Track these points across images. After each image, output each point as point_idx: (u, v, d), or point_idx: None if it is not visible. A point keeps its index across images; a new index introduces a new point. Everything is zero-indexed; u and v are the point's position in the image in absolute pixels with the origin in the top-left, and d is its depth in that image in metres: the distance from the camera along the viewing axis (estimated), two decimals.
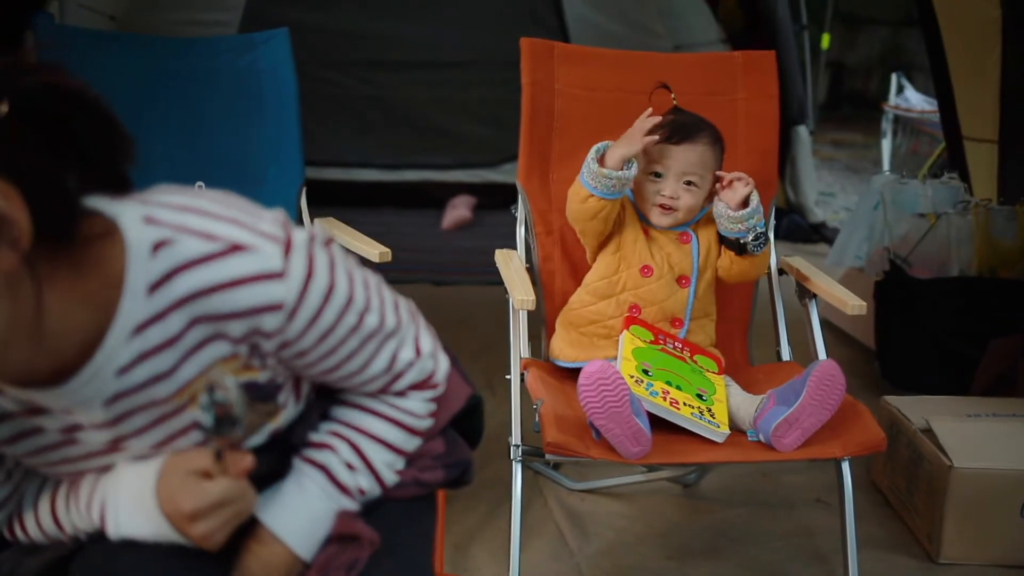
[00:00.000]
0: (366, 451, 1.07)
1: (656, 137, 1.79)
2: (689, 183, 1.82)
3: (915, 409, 2.25)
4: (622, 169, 1.77)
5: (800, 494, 2.34)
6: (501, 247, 2.02)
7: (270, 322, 0.90)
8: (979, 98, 3.29)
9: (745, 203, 1.81)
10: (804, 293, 1.93)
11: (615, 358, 1.76)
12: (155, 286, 0.87)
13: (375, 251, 1.94)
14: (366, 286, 1.00)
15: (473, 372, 1.29)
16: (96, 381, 0.88)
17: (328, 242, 0.97)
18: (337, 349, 0.98)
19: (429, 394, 1.11)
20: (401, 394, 1.09)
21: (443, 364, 1.13)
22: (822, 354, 1.86)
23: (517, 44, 2.07)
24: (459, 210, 4.62)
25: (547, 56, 2.07)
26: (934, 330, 2.79)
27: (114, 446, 0.97)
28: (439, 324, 1.15)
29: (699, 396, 1.70)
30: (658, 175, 1.83)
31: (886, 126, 5.87)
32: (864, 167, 6.83)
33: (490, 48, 4.40)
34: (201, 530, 0.93)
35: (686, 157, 1.81)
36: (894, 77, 5.99)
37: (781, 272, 2.06)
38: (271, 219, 0.92)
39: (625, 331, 1.79)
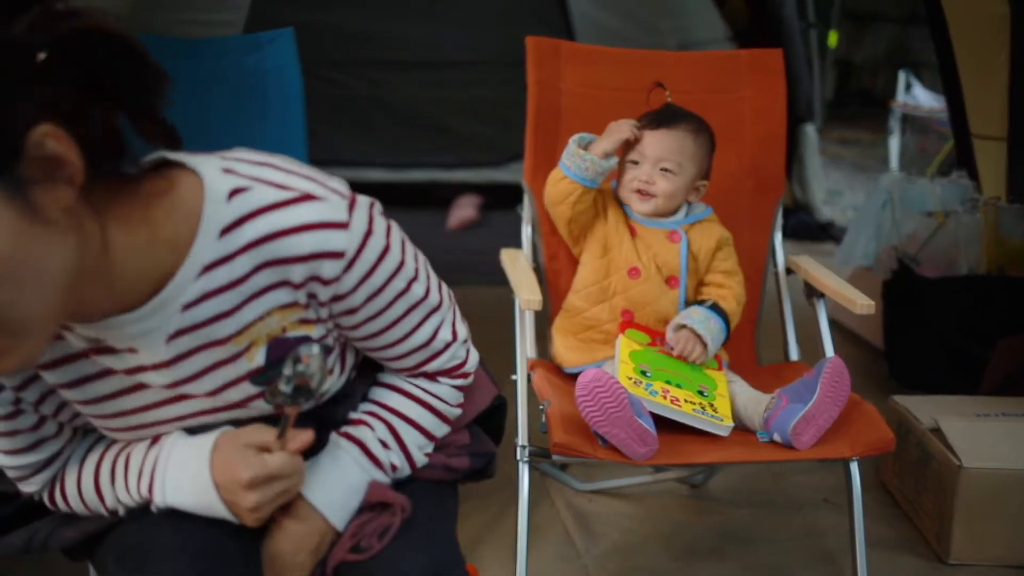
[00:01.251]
0: (400, 431, 1.12)
1: (635, 133, 1.80)
2: (665, 169, 1.81)
3: (924, 409, 2.24)
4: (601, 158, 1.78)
5: (807, 495, 2.33)
6: (507, 247, 2.01)
7: (329, 269, 0.95)
8: (988, 95, 3.27)
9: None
10: (812, 292, 1.92)
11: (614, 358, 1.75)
12: (227, 229, 0.93)
13: None
14: (416, 258, 1.06)
15: None
16: (162, 313, 0.92)
17: (384, 213, 1.03)
18: (384, 311, 1.03)
19: (459, 382, 1.17)
20: (433, 379, 1.14)
21: (474, 356, 1.19)
22: (830, 353, 1.85)
23: (522, 43, 2.06)
24: (465, 210, 4.62)
25: (553, 55, 2.07)
26: (942, 329, 2.77)
27: (172, 398, 1.01)
28: None
29: (700, 392, 1.70)
30: (635, 163, 1.83)
31: (894, 124, 5.85)
32: (872, 165, 6.80)
33: (495, 47, 4.40)
34: (254, 500, 0.97)
35: (661, 142, 1.81)
36: (902, 74, 5.97)
37: (789, 271, 2.05)
38: (338, 180, 0.99)
39: (621, 335, 1.78)
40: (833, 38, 7.07)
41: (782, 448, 1.63)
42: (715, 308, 1.81)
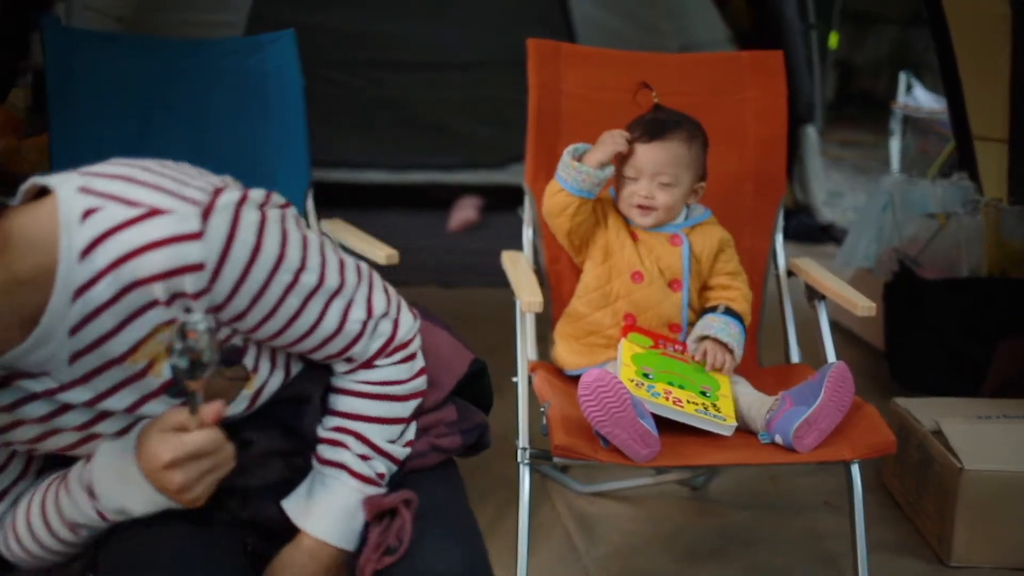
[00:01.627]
0: (370, 436, 1.12)
1: (626, 146, 1.79)
2: (663, 183, 1.81)
3: (925, 411, 2.24)
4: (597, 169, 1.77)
5: (808, 497, 2.32)
6: (508, 248, 2.01)
7: (191, 283, 0.93)
8: (989, 97, 3.27)
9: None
10: (813, 294, 1.92)
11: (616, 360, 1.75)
12: (84, 252, 0.93)
13: (382, 253, 1.94)
14: (304, 246, 1.01)
15: None
16: (51, 342, 0.94)
17: (264, 204, 0.98)
18: (277, 310, 1.00)
19: (399, 356, 1.13)
20: (370, 365, 1.11)
21: (405, 325, 1.13)
22: (832, 355, 1.85)
23: (523, 45, 2.06)
24: (466, 211, 4.61)
25: (554, 57, 2.06)
26: (944, 331, 2.77)
27: (96, 417, 1.01)
28: None
29: (703, 393, 1.69)
30: (632, 178, 1.82)
31: (895, 125, 5.84)
32: (873, 167, 6.79)
33: (496, 49, 4.40)
34: (180, 479, 0.96)
35: (656, 156, 1.80)
36: (903, 76, 5.96)
37: (790, 273, 2.05)
38: (201, 184, 0.95)
39: (623, 339, 1.78)
40: (834, 39, 7.07)
41: (783, 450, 1.63)
42: (729, 312, 1.81)
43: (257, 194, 0.98)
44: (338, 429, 1.13)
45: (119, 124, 2.11)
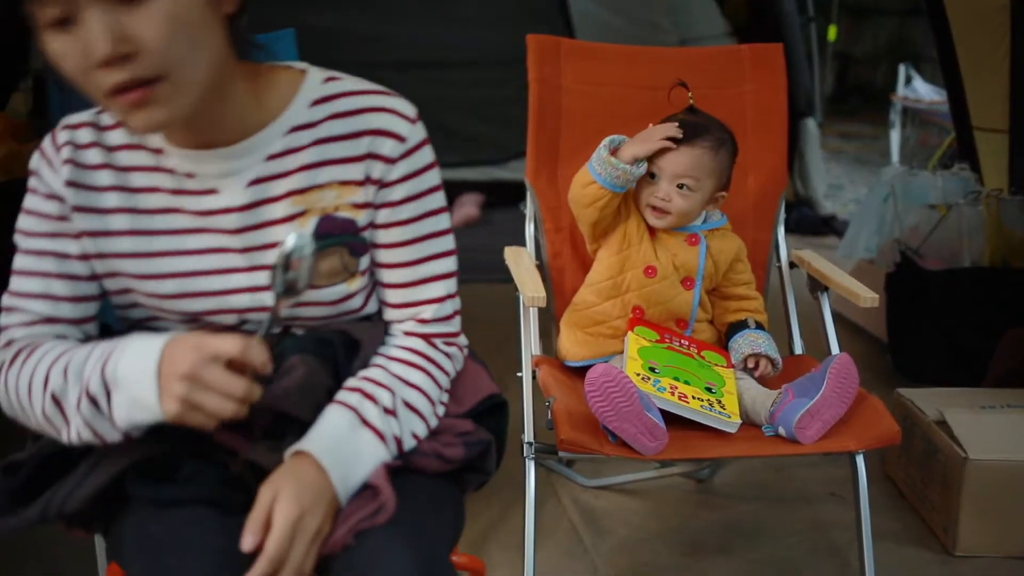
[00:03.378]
0: (406, 397, 1.14)
1: (671, 144, 1.76)
2: (682, 186, 1.80)
3: (929, 401, 2.24)
4: (632, 164, 1.76)
5: (814, 488, 2.33)
6: (510, 244, 2.02)
7: (389, 148, 1.12)
8: (989, 87, 3.27)
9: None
10: (816, 286, 1.92)
11: (622, 353, 1.75)
12: (317, 102, 1.13)
13: None
14: (444, 200, 1.21)
15: None
16: (250, 156, 1.10)
17: None
18: (414, 222, 1.16)
19: (452, 351, 1.22)
20: (430, 340, 1.19)
21: (464, 339, 1.25)
22: (835, 347, 1.85)
23: (523, 41, 2.06)
24: (467, 208, 4.62)
25: (554, 52, 2.07)
26: (946, 322, 2.77)
27: (218, 248, 1.12)
28: None
29: (708, 389, 1.70)
30: (652, 176, 1.81)
31: (894, 117, 5.85)
32: (873, 159, 6.80)
33: (496, 45, 4.39)
34: (180, 392, 0.98)
35: (680, 160, 1.78)
36: (902, 68, 5.97)
37: (792, 266, 2.05)
38: None
39: (630, 332, 1.78)
40: (832, 32, 7.05)
41: (788, 442, 1.64)
42: (760, 326, 1.86)
43: None
44: (372, 381, 1.13)
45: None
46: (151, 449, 1.08)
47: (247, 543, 0.99)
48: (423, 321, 1.20)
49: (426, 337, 1.20)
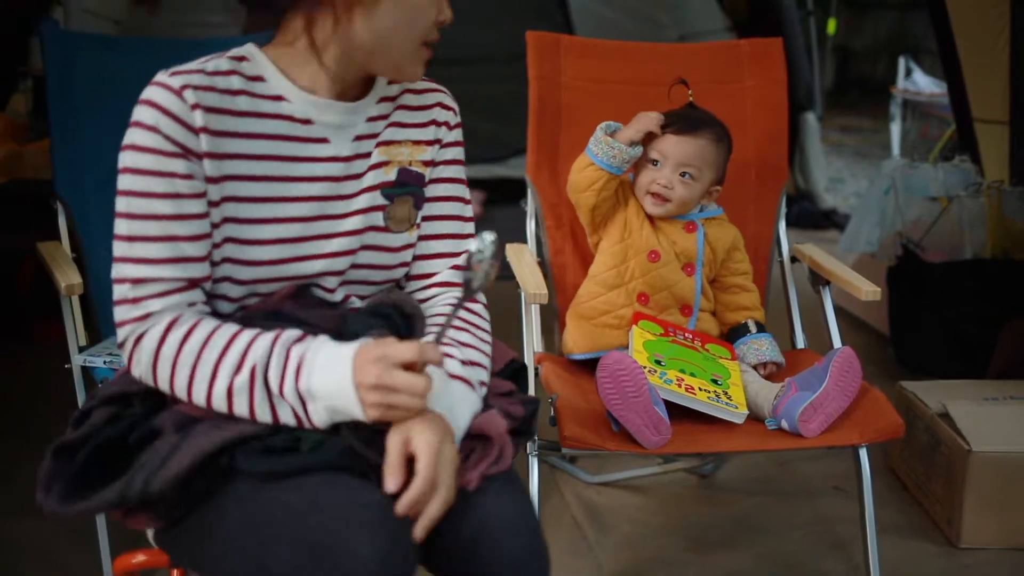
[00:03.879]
0: (468, 356, 1.25)
1: (658, 127, 1.80)
2: (684, 174, 1.81)
3: (931, 394, 2.24)
4: (628, 146, 1.78)
5: (817, 482, 2.33)
6: (511, 241, 2.02)
7: (448, 117, 1.38)
8: (989, 79, 3.27)
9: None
10: (817, 280, 1.92)
11: (627, 347, 1.75)
12: (391, 81, 1.31)
13: None
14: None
15: None
16: (359, 113, 1.26)
17: None
18: (451, 182, 1.36)
19: (483, 302, 1.34)
20: (474, 298, 1.29)
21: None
22: (837, 341, 1.85)
23: (523, 38, 2.06)
24: None
25: (553, 49, 2.07)
26: (948, 314, 2.77)
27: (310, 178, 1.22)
28: None
29: (714, 381, 1.70)
30: (655, 163, 1.82)
31: (895, 110, 5.83)
32: (873, 152, 6.80)
33: (496, 42, 4.39)
34: (375, 399, 1.06)
35: (685, 148, 1.80)
36: (902, 60, 5.95)
37: (793, 260, 2.05)
38: None
39: (634, 326, 1.78)
40: (832, 25, 7.04)
41: (792, 436, 1.64)
42: (760, 326, 1.89)
43: None
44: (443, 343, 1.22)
45: (120, 126, 2.10)
46: (243, 427, 1.09)
47: (390, 484, 1.05)
48: (459, 268, 1.32)
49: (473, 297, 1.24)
